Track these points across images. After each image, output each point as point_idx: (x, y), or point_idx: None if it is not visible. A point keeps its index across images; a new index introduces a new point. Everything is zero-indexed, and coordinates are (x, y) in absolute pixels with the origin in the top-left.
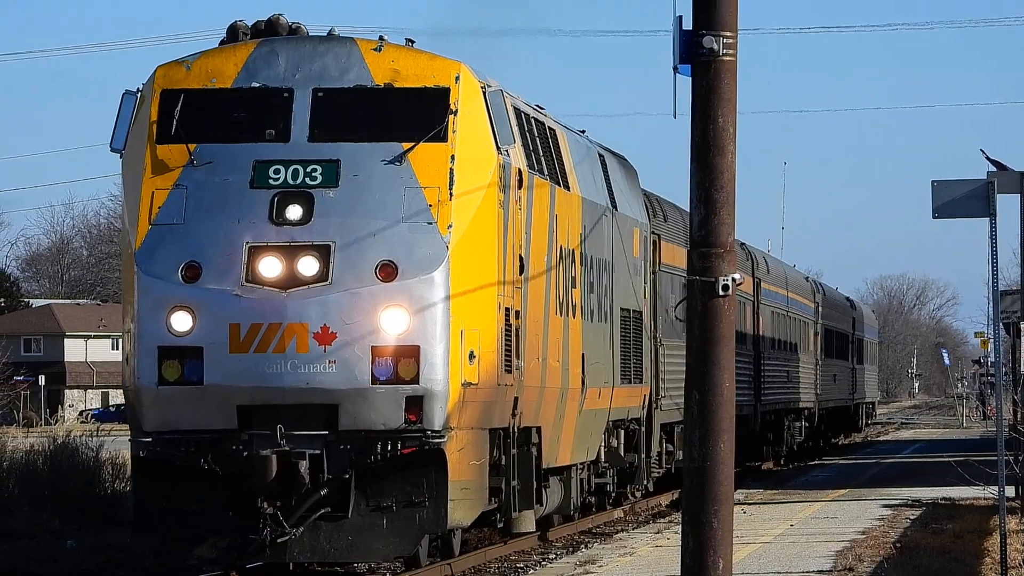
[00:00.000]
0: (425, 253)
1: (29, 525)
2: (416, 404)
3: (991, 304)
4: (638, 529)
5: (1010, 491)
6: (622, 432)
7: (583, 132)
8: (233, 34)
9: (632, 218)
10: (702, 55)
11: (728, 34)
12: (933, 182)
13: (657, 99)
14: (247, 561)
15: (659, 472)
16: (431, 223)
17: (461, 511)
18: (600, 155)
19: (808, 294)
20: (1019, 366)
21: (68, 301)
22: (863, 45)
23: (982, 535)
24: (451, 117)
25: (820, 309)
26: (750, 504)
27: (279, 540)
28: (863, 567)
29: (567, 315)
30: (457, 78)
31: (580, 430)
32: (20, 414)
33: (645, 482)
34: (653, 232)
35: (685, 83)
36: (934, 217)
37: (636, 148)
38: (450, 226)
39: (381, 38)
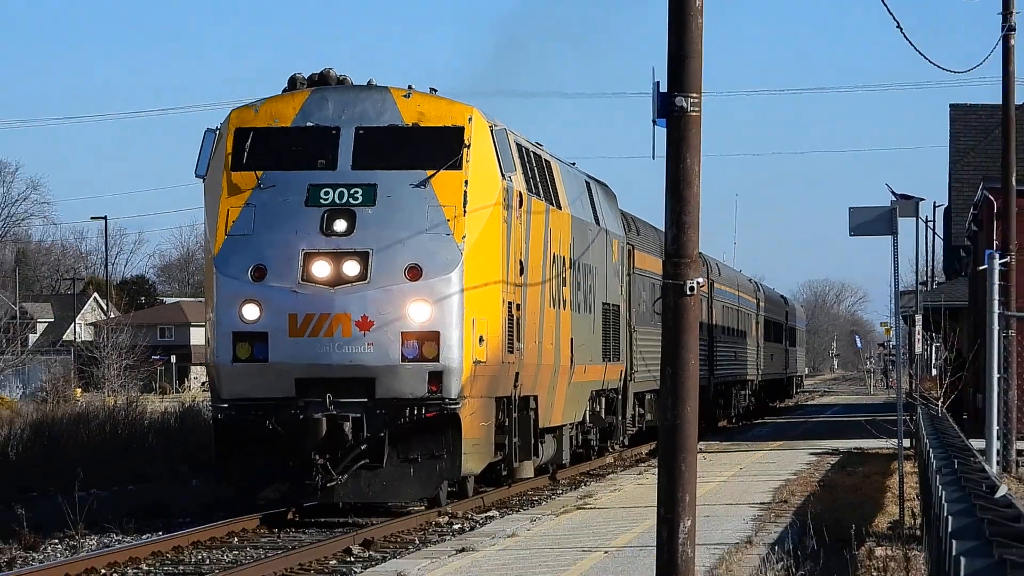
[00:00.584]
0: (444, 258)
1: (163, 470)
2: (437, 378)
3: (893, 301)
4: (624, 472)
5: (906, 443)
6: (603, 399)
7: (574, 164)
8: (292, 84)
9: (612, 232)
10: (674, 111)
11: (694, 95)
12: (850, 208)
13: (641, 143)
14: (303, 501)
15: (633, 430)
16: (449, 234)
17: (472, 462)
18: (587, 182)
19: (752, 292)
20: (913, 348)
21: (193, 299)
22: (804, 102)
23: (885, 476)
24: (465, 150)
25: (761, 304)
26: (709, 453)
27: (328, 485)
28: (795, 499)
29: (559, 308)
30: (470, 119)
31: (570, 398)
32: (156, 385)
33: (622, 438)
34: (629, 243)
35: (661, 132)
36: (850, 235)
37: (622, 178)
38: (464, 237)
39: (410, 87)
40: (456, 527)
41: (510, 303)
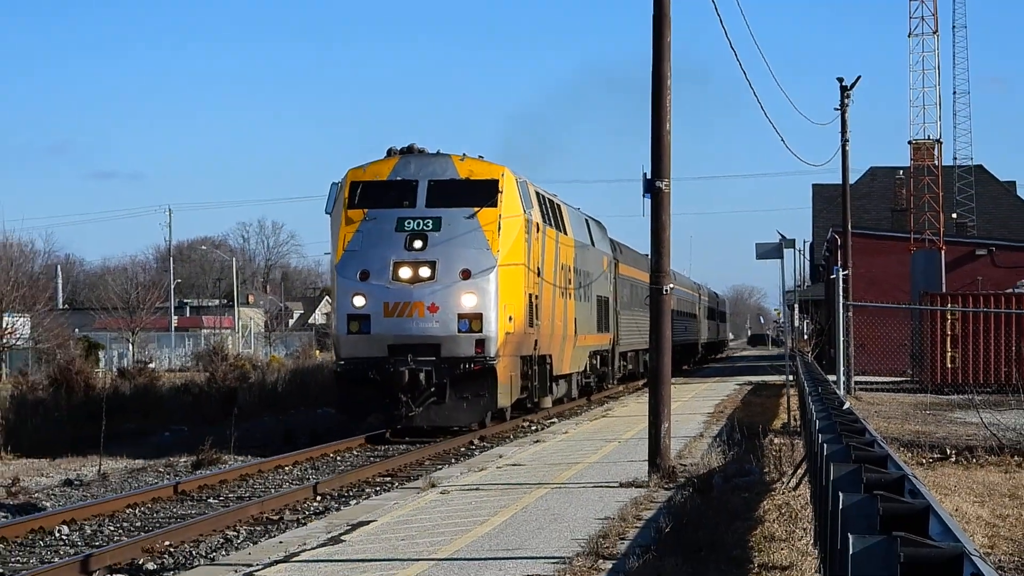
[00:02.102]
0: (485, 265)
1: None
2: (481, 343)
3: (781, 295)
4: (628, 396)
5: (791, 378)
6: (599, 356)
7: (578, 208)
8: (389, 153)
9: (602, 251)
10: (655, 189)
11: (666, 180)
12: (756, 243)
13: (635, 203)
14: (394, 424)
15: (620, 375)
16: (488, 249)
17: (505, 399)
18: (586, 219)
19: (696, 290)
20: (793, 323)
21: None
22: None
23: (779, 397)
24: (499, 195)
25: (703, 297)
26: (676, 385)
27: (410, 415)
28: (727, 411)
29: (566, 298)
30: (503, 175)
31: (574, 356)
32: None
33: (612, 382)
34: (615, 259)
35: (647, 201)
36: (756, 259)
37: (620, 220)
38: (498, 251)
39: (464, 154)
40: (533, 428)
41: (530, 294)
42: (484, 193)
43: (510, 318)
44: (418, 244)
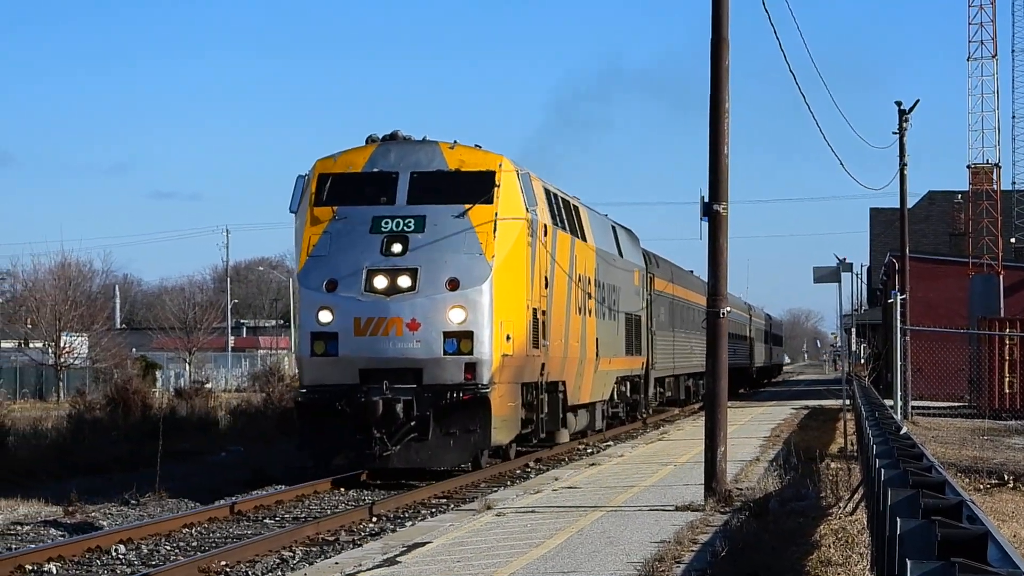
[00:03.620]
0: (477, 273)
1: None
2: (471, 368)
3: (839, 319)
4: (684, 420)
5: (847, 402)
6: (628, 382)
7: (607, 215)
8: (368, 141)
9: (634, 263)
10: (713, 212)
11: (724, 203)
12: (813, 267)
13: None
14: (365, 467)
15: (655, 404)
16: (481, 254)
17: (501, 435)
18: (613, 226)
19: (750, 311)
20: (850, 347)
21: None
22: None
23: (835, 421)
24: (496, 189)
25: (758, 320)
26: (732, 408)
27: (385, 454)
28: (783, 435)
29: (584, 315)
30: (500, 165)
31: (596, 382)
32: None
33: (644, 410)
34: (649, 273)
35: (704, 224)
36: (813, 283)
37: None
38: (493, 256)
39: (455, 142)
40: (589, 451)
41: (535, 309)
42: (478, 187)
43: (508, 337)
44: (397, 248)
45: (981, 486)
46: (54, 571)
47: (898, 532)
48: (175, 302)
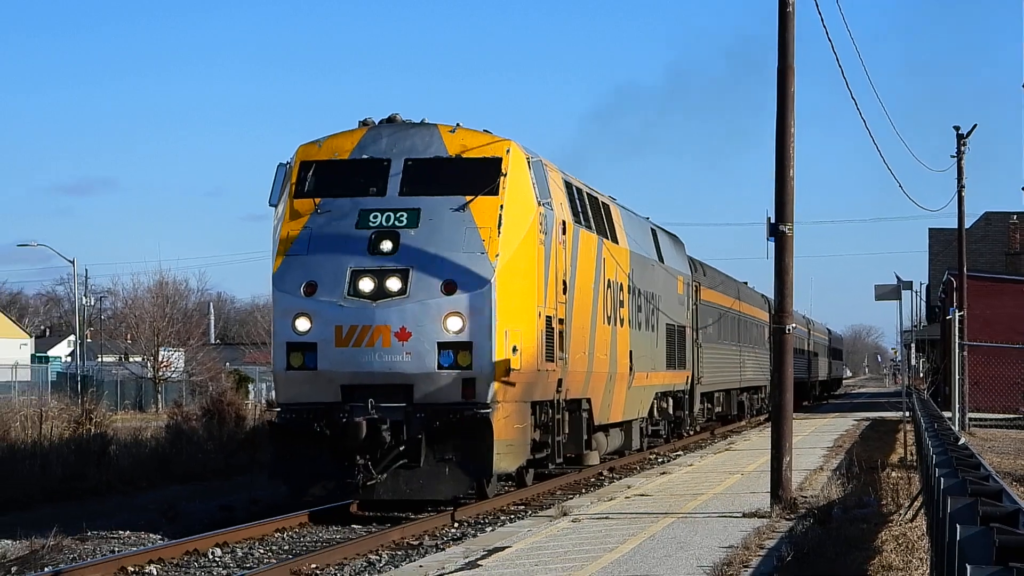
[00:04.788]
0: (478, 274)
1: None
2: (470, 384)
3: (899, 335)
4: (751, 431)
5: (907, 414)
6: (671, 398)
7: (647, 218)
8: (363, 124)
9: (677, 270)
10: (778, 233)
11: (790, 224)
12: (875, 284)
13: (760, 243)
14: (346, 499)
15: (702, 421)
16: (483, 253)
17: (506, 462)
18: (653, 229)
19: (809, 326)
20: (909, 361)
21: None
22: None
23: (895, 432)
24: (502, 178)
25: (820, 336)
26: (796, 420)
27: (369, 483)
28: (846, 445)
29: (615, 324)
30: (508, 151)
31: (630, 399)
32: None
33: (689, 427)
34: (695, 281)
35: (770, 244)
36: (875, 300)
37: (744, 259)
38: (497, 255)
39: (458, 124)
40: (660, 461)
41: (549, 317)
42: (481, 176)
43: (514, 349)
44: (386, 246)
45: None
46: (154, 572)
47: (958, 538)
48: (266, 319)
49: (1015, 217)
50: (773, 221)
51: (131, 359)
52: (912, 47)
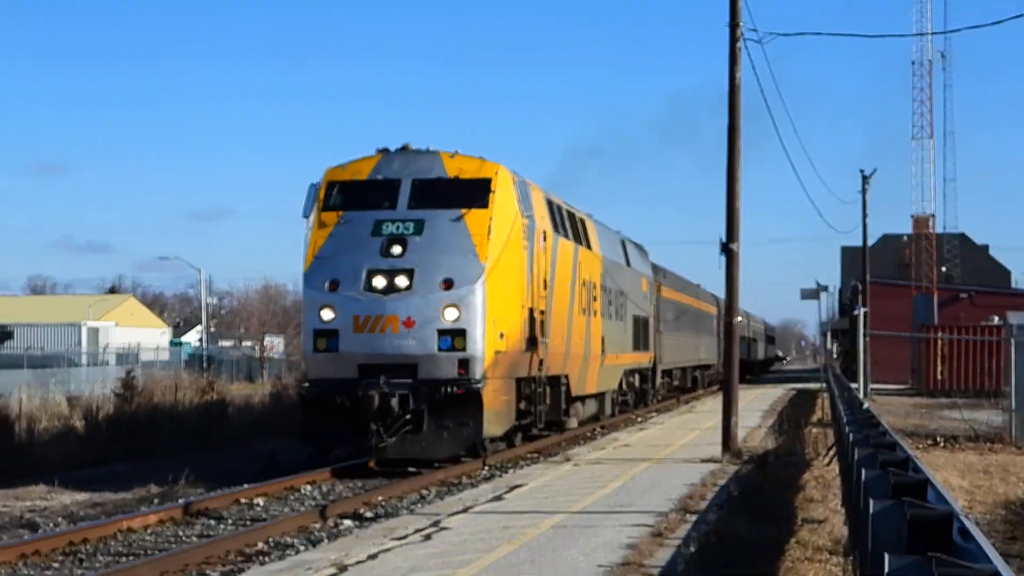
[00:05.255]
0: (470, 273)
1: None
2: (464, 363)
3: (819, 326)
4: (707, 397)
5: (824, 386)
6: (637, 374)
7: (618, 232)
8: (379, 151)
9: (642, 272)
10: (728, 250)
11: (736, 243)
12: (801, 288)
13: (712, 260)
14: (363, 458)
15: (663, 392)
16: (475, 255)
17: (494, 427)
18: (622, 240)
19: (756, 320)
20: (826, 346)
21: None
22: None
23: (816, 399)
24: (491, 195)
25: (759, 326)
26: (741, 389)
27: (381, 446)
28: (779, 408)
29: (589, 315)
30: (496, 172)
31: (603, 375)
32: None
33: (652, 397)
34: (656, 281)
35: (722, 258)
36: (801, 299)
37: (702, 266)
38: (487, 257)
39: (456, 151)
40: (638, 421)
41: (532, 308)
42: (474, 193)
43: (501, 335)
44: (396, 250)
45: (920, 446)
46: (261, 503)
47: (863, 479)
48: None
49: (905, 238)
50: (724, 240)
51: (243, 343)
52: (835, 101)
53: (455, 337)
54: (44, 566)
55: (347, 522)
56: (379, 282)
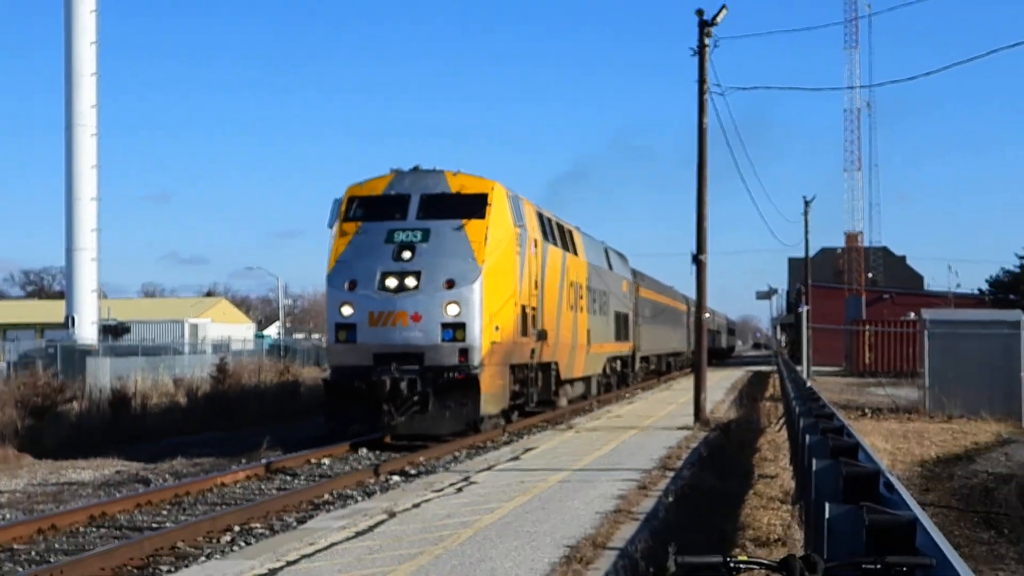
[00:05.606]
0: (470, 275)
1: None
2: (464, 352)
3: (770, 320)
4: (682, 378)
5: (775, 368)
6: (619, 360)
7: (602, 242)
8: (393, 171)
9: (623, 276)
10: (698, 260)
11: (705, 254)
12: (756, 291)
13: (684, 268)
14: (376, 433)
15: (641, 375)
16: (473, 259)
17: (490, 407)
18: (605, 248)
19: (719, 316)
20: (776, 336)
21: None
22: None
23: (768, 378)
24: (488, 207)
25: (721, 320)
26: (709, 371)
27: (392, 424)
28: (739, 386)
29: (576, 311)
30: (492, 189)
31: (588, 361)
32: None
33: (632, 379)
34: (636, 283)
35: (693, 267)
36: (756, 299)
37: (678, 272)
38: (483, 261)
39: (459, 171)
40: (627, 396)
41: (524, 305)
42: (473, 206)
43: (496, 328)
44: (406, 255)
45: (852, 416)
46: (327, 463)
47: (807, 444)
48: None
49: (839, 250)
50: (695, 252)
51: (312, 336)
52: (794, 136)
53: (456, 330)
54: (155, 513)
55: (395, 478)
56: (391, 282)
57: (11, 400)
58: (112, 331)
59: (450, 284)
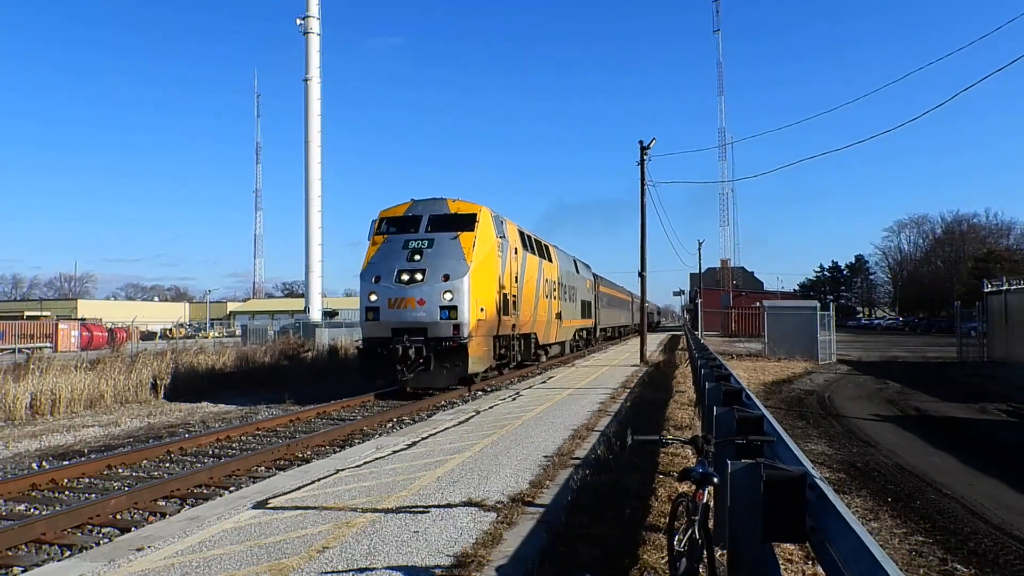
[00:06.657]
0: (461, 271)
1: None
2: (457, 327)
3: (681, 308)
4: (633, 339)
5: (685, 334)
6: (585, 332)
7: (573, 256)
8: (412, 200)
9: (587, 277)
10: (641, 275)
11: (645, 272)
12: (673, 290)
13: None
14: (394, 386)
15: (602, 340)
16: (464, 260)
17: (476, 367)
18: (574, 259)
19: (651, 304)
20: (684, 317)
21: None
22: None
23: (680, 339)
24: (476, 224)
25: (652, 306)
26: (648, 335)
27: (404, 380)
28: (664, 343)
29: (551, 299)
30: (480, 210)
31: (561, 332)
32: None
33: (595, 343)
34: (597, 283)
35: (638, 280)
36: (672, 296)
37: (627, 278)
38: (472, 261)
39: (458, 198)
40: (591, 351)
41: (505, 294)
42: (466, 222)
43: (482, 309)
44: (416, 257)
45: (726, 358)
46: (344, 414)
47: (702, 373)
48: None
49: (718, 269)
50: (639, 270)
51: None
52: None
53: (451, 310)
54: (352, 410)
55: (480, 393)
56: (404, 277)
57: (278, 350)
58: (328, 315)
59: (447, 278)
